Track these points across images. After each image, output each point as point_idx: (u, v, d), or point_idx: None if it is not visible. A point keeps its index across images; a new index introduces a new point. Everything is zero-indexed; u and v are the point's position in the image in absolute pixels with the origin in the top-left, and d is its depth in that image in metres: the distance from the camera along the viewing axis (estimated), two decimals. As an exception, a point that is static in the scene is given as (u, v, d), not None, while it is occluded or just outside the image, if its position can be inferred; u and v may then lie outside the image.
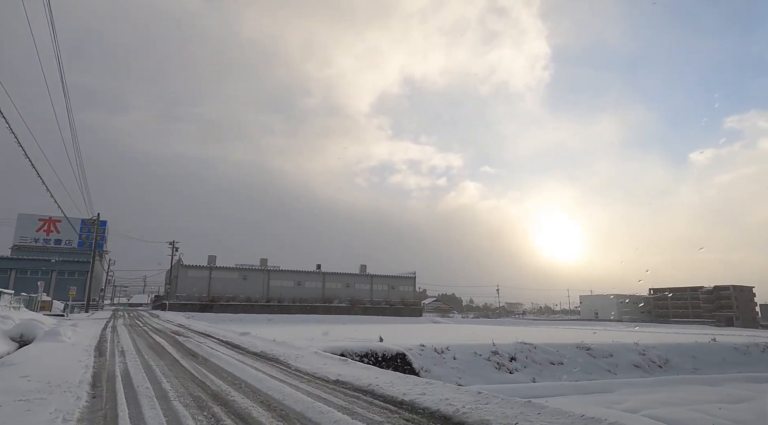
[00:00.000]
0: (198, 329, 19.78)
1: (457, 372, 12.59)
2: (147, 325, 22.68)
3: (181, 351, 10.85)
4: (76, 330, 15.38)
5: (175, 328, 20.15)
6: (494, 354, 13.63)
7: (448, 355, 13.16)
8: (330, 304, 63.65)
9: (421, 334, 24.65)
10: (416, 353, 12.68)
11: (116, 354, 10.06)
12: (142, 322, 26.00)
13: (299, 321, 56.94)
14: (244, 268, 61.71)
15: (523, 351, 14.16)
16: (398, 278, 71.49)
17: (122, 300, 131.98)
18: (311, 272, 65.94)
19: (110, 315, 34.60)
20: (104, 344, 12.29)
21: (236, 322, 44.36)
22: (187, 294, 56.61)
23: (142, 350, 10.91)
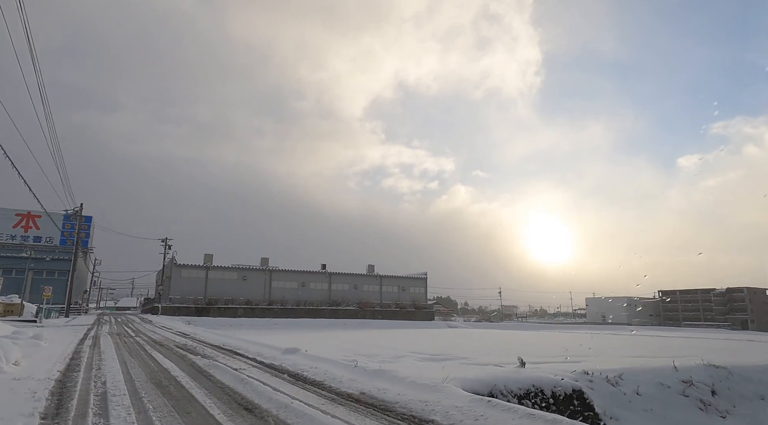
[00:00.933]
0: (210, 340, 14.73)
1: (654, 418, 7.75)
2: (141, 335, 17.53)
3: (216, 394, 5.89)
4: (38, 345, 10.26)
5: (179, 340, 15.08)
6: (688, 386, 8.81)
7: (627, 388, 8.31)
8: (337, 307, 58.54)
9: (476, 345, 19.85)
10: (586, 386, 7.78)
11: (91, 405, 5.08)
12: (134, 330, 20.80)
13: (308, 326, 51.81)
14: (243, 268, 56.39)
15: (719, 378, 9.38)
16: (409, 279, 66.58)
17: (109, 304, 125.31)
18: (316, 272, 60.77)
19: (94, 321, 29.29)
20: (74, 375, 7.25)
21: (240, 328, 39.28)
22: (182, 297, 51.12)
23: (143, 393, 5.93)
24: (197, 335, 17.32)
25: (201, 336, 16.88)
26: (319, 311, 56.70)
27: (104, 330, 19.82)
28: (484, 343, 22.91)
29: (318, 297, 59.00)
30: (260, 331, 34.87)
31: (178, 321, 32.07)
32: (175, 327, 24.25)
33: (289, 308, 55.34)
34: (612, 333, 49.45)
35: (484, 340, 26.44)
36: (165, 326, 24.78)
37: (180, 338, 15.76)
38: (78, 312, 42.50)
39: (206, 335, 17.30)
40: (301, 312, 55.63)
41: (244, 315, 52.27)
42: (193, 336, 17.05)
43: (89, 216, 61.89)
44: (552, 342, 24.20)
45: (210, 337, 16.00)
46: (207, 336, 16.46)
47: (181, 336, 16.44)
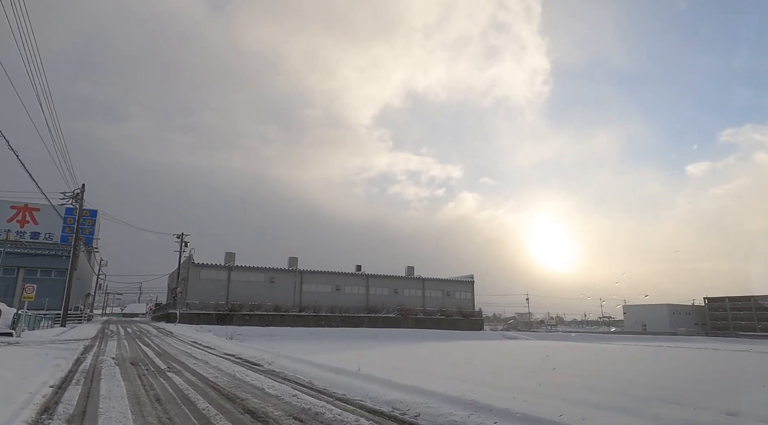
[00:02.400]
0: (330, 383, 7.12)
1: None
2: (176, 366, 9.88)
3: None
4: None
5: (265, 381, 7.45)
6: None
7: None
8: (376, 315, 50.89)
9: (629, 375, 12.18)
10: None
11: None
12: (157, 351, 13.27)
13: (347, 336, 44.15)
14: (270, 269, 48.93)
15: None
16: (454, 282, 58.82)
17: (115, 310, 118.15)
18: (352, 274, 53.18)
19: (97, 333, 21.88)
20: None
21: (281, 340, 31.95)
22: (201, 301, 43.72)
23: None
24: (279, 366, 9.72)
25: (288, 367, 9.29)
26: (356, 319, 49.08)
27: (110, 352, 12.33)
28: (637, 371, 15.24)
29: (354, 303, 51.40)
30: (303, 344, 27.90)
31: (208, 333, 24.66)
32: (216, 343, 16.79)
33: (323, 315, 47.78)
34: (699, 346, 41.46)
35: (619, 365, 18.74)
36: (198, 342, 17.29)
37: (262, 377, 8.16)
38: (79, 319, 35.13)
39: (292, 365, 9.68)
40: (336, 319, 48.05)
41: (273, 323, 44.80)
42: (271, 367, 9.46)
43: (94, 210, 54.82)
44: (714, 364, 16.47)
45: (311, 372, 8.41)
46: (301, 369, 8.85)
47: (258, 372, 8.85)
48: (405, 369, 12.30)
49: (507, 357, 24.85)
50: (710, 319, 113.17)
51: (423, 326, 52.52)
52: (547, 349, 31.96)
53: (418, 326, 52.22)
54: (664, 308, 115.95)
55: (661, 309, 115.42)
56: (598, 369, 16.22)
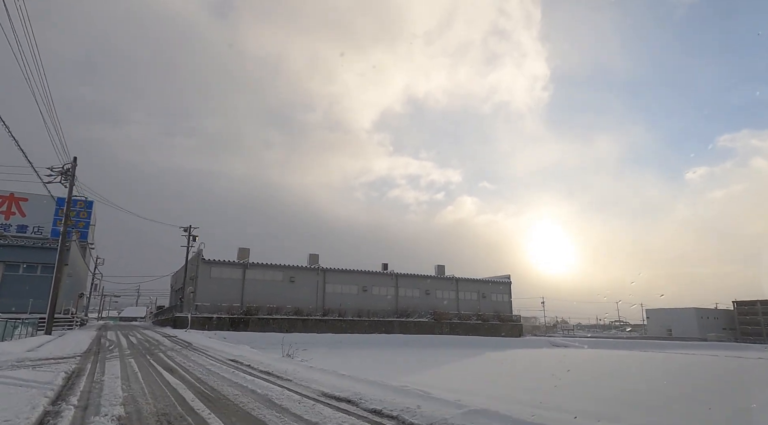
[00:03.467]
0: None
1: None
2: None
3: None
4: None
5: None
6: None
7: None
8: (407, 319, 45.15)
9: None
10: None
11: None
12: (197, 383, 7.43)
13: (381, 344, 38.43)
14: (289, 267, 43.12)
15: None
16: (489, 283, 53.12)
17: (112, 314, 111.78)
18: (379, 274, 47.43)
19: (90, 343, 16.13)
20: None
21: (308, 348, 26.33)
22: (212, 303, 37.91)
23: None
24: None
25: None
26: (386, 324, 43.33)
27: (112, 392, 6.61)
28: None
29: (382, 306, 45.65)
30: (334, 353, 22.53)
31: (245, 346, 18.98)
32: (267, 362, 11.03)
33: (349, 320, 42.01)
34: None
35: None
36: (240, 361, 11.58)
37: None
38: (70, 324, 29.23)
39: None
40: (364, 324, 42.29)
41: (294, 328, 39.02)
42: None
43: (90, 201, 48.99)
44: None
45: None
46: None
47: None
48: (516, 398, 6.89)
49: (609, 378, 19.28)
50: (739, 324, 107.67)
51: (458, 332, 46.83)
52: (635, 363, 26.47)
53: (453, 332, 46.53)
54: (691, 312, 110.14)
55: (688, 313, 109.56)
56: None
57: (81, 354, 12.69)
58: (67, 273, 30.21)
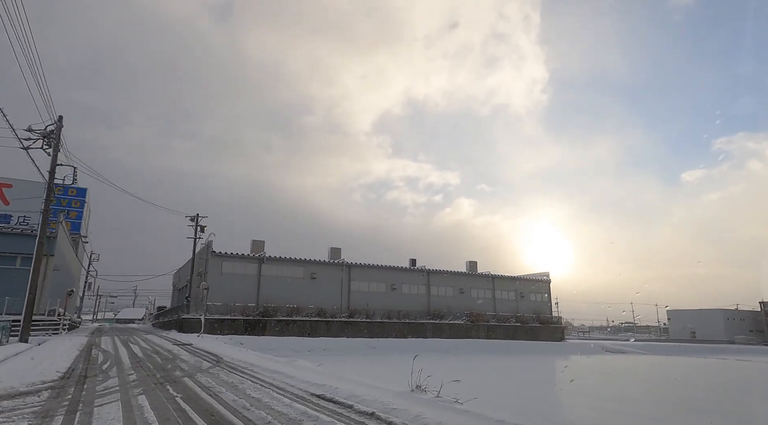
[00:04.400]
0: None
1: None
2: None
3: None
4: None
5: None
6: None
7: None
8: (441, 321, 40.05)
9: None
10: None
11: None
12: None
13: (418, 350, 33.33)
14: (310, 262, 37.93)
15: None
16: (528, 281, 48.08)
17: (107, 316, 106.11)
18: (409, 270, 42.33)
19: (75, 358, 10.93)
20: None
21: (337, 356, 21.61)
22: (224, 303, 32.73)
23: None
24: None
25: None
26: (417, 327, 38.23)
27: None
28: None
29: (413, 306, 40.54)
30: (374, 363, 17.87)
31: (301, 362, 13.75)
32: (405, 407, 5.76)
33: (378, 322, 36.88)
34: None
35: None
36: (333, 399, 6.29)
37: None
38: (56, 327, 23.92)
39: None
40: (394, 327, 37.18)
41: (316, 331, 33.94)
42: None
43: (83, 189, 43.75)
44: None
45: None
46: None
47: None
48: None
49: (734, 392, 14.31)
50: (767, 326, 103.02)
51: (496, 335, 41.77)
52: (715, 372, 21.54)
53: (490, 335, 41.48)
54: (718, 313, 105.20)
55: (714, 315, 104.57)
56: None
57: (56, 380, 7.54)
58: (52, 266, 24.99)
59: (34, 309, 24.23)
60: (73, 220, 41.53)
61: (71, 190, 42.23)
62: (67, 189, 42.33)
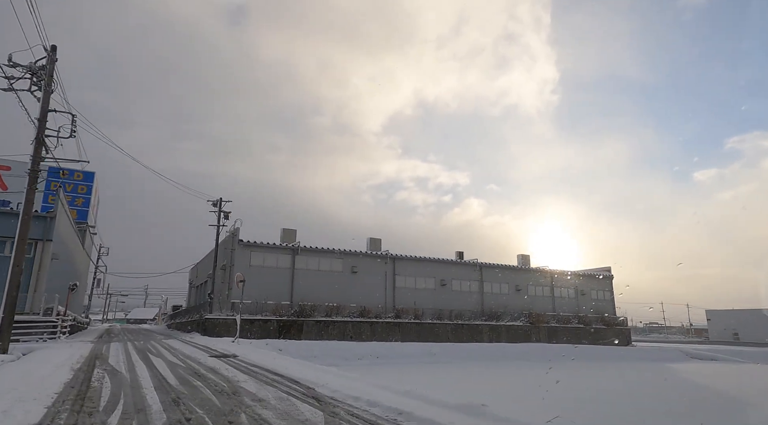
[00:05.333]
0: None
1: None
2: None
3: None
4: None
5: None
6: None
7: None
8: (497, 323, 34.77)
9: None
10: None
11: None
12: None
13: (485, 357, 28.09)
14: (350, 253, 32.81)
15: None
16: (589, 277, 42.66)
17: (118, 316, 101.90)
18: (459, 263, 37.12)
19: (64, 388, 5.67)
20: None
21: (396, 366, 16.49)
22: (254, 301, 27.75)
23: None
24: None
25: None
26: (472, 329, 33.01)
27: None
28: None
29: (463, 304, 35.32)
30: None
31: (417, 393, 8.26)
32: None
33: (428, 323, 31.72)
34: None
35: None
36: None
37: None
38: (52, 331, 18.88)
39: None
40: (446, 330, 32.01)
41: (359, 335, 28.95)
42: None
43: (90, 173, 39.04)
44: None
45: None
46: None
47: None
48: None
49: None
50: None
51: (558, 339, 36.43)
52: None
53: (551, 339, 36.15)
54: (759, 314, 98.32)
55: (756, 316, 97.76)
56: None
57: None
58: (50, 253, 20.11)
59: (27, 306, 19.42)
60: (80, 208, 36.87)
61: (77, 174, 37.56)
62: (72, 172, 37.67)
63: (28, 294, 19.26)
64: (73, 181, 37.22)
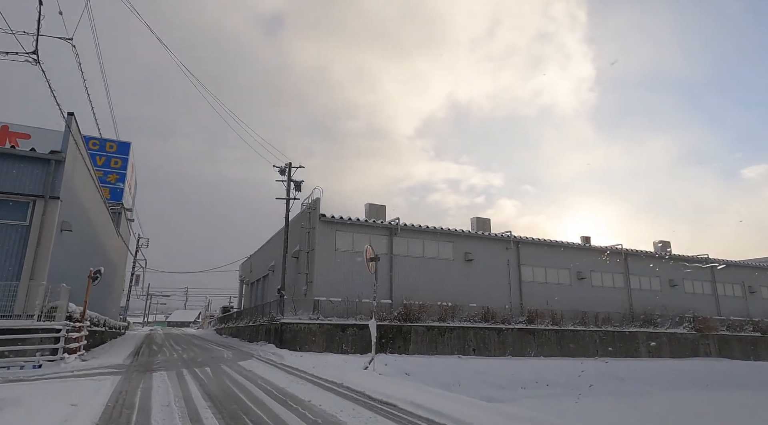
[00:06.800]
0: None
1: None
2: None
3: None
4: None
5: None
6: None
7: None
8: (655, 330, 25.60)
9: None
10: None
11: None
12: None
13: (676, 380, 19.14)
14: (462, 235, 24.28)
15: None
16: (755, 270, 32.68)
17: (158, 318, 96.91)
18: (598, 250, 28.05)
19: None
20: None
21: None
22: (345, 299, 19.67)
23: None
24: None
25: None
26: (623, 338, 23.96)
27: None
28: None
29: (606, 304, 26.20)
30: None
31: None
32: None
33: (570, 331, 22.85)
34: None
35: None
36: None
37: None
38: (54, 345, 11.24)
39: None
40: (591, 339, 23.04)
41: (483, 345, 20.43)
42: None
43: (126, 143, 32.10)
44: None
45: None
46: None
47: None
48: None
49: None
50: None
51: (730, 351, 26.92)
52: None
53: (722, 351, 26.71)
54: None
55: None
56: None
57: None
58: (57, 220, 12.54)
59: (18, 304, 11.83)
60: (113, 185, 29.88)
61: (109, 144, 30.65)
62: (104, 142, 30.81)
63: (19, 284, 11.70)
64: (105, 153, 30.31)
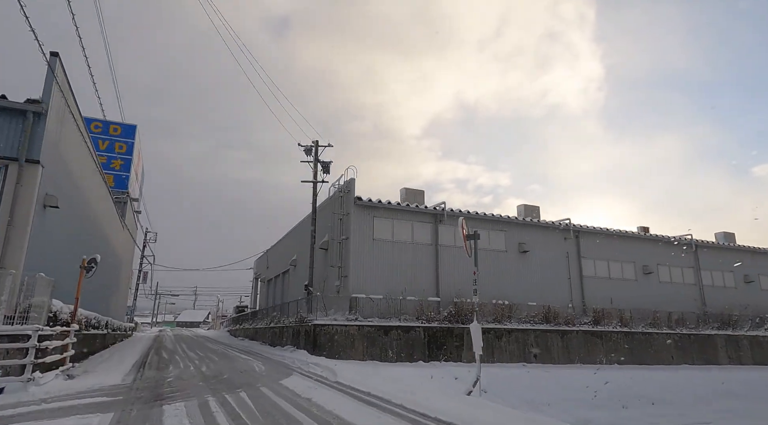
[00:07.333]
0: None
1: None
2: None
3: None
4: None
5: None
6: None
7: None
8: (735, 332, 22.25)
9: None
10: None
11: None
12: None
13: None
14: (517, 223, 21.11)
15: None
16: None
17: (167, 318, 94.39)
18: (664, 242, 24.70)
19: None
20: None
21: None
22: (386, 297, 16.56)
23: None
24: None
25: None
26: (701, 342, 20.63)
27: None
28: None
29: (675, 302, 22.88)
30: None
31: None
32: None
33: (640, 333, 19.55)
34: None
35: None
36: None
37: None
38: (23, 362, 8.26)
39: None
40: (662, 342, 19.71)
41: (547, 350, 17.14)
42: None
43: (131, 126, 29.26)
44: None
45: None
46: None
47: None
48: None
49: None
50: None
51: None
52: None
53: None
54: None
55: None
56: None
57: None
58: (37, 190, 9.53)
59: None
60: (117, 172, 27.01)
61: (113, 127, 27.80)
62: (108, 125, 27.97)
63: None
64: (109, 136, 27.46)
